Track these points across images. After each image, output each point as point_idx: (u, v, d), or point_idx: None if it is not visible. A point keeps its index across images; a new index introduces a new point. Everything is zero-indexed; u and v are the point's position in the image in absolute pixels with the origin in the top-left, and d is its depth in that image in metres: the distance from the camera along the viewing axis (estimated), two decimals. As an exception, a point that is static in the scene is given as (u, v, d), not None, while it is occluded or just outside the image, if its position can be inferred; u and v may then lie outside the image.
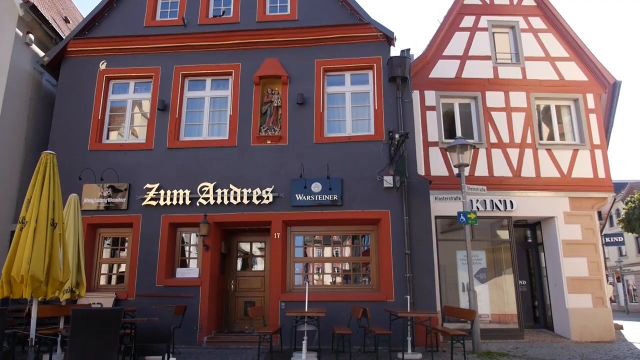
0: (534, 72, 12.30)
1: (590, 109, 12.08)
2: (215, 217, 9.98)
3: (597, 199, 11.49)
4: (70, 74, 11.21)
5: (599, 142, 11.88)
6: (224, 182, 10.18)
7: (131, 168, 10.42)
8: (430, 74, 12.20)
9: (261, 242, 11.09)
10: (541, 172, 11.58)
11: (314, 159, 10.13)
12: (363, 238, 10.41)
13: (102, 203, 10.25)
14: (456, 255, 11.48)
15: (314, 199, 9.92)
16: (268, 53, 10.93)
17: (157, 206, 10.14)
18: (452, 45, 12.49)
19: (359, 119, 10.70)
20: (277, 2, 11.63)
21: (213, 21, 11.44)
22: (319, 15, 11.11)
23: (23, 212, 5.49)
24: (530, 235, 12.78)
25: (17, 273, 5.23)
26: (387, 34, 10.70)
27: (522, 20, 12.80)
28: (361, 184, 9.97)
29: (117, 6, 11.68)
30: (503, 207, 11.37)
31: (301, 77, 10.75)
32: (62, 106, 10.98)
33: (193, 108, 11.07)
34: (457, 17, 12.74)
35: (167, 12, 11.78)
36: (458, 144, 9.16)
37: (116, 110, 11.31)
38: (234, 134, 10.53)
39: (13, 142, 10.58)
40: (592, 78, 12.26)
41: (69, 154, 10.43)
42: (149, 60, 11.18)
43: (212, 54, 11.08)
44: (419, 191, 9.87)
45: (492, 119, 11.92)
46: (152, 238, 9.98)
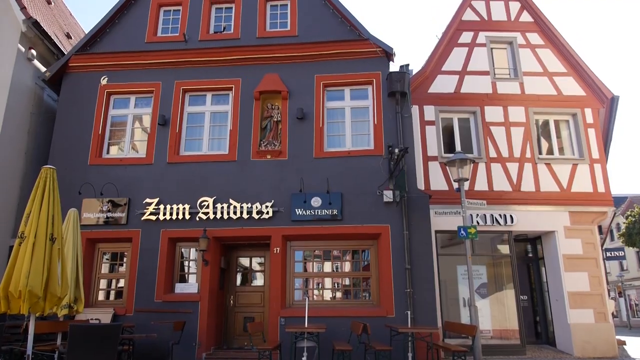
0: (533, 87, 12.39)
1: (589, 124, 12.14)
2: (215, 231, 9.95)
3: (597, 213, 11.49)
4: (72, 89, 11.27)
5: (598, 157, 11.91)
6: (223, 196, 10.17)
7: (131, 183, 10.42)
8: (430, 89, 12.29)
9: (261, 257, 11.05)
10: (541, 186, 11.59)
11: (314, 174, 10.14)
12: (363, 253, 10.36)
13: (101, 218, 10.23)
14: (457, 270, 11.43)
15: (314, 214, 9.90)
16: (268, 68, 11.01)
17: (156, 221, 10.12)
18: (451, 61, 12.60)
19: (359, 133, 10.73)
20: (278, 18, 11.76)
21: (214, 37, 11.55)
22: (319, 31, 11.22)
23: (22, 227, 5.48)
24: (531, 250, 12.74)
25: (15, 288, 5.20)
26: (386, 50, 10.79)
27: (519, 36, 12.93)
28: (361, 199, 9.96)
29: (119, 22, 11.80)
30: (503, 222, 11.35)
31: (301, 92, 10.81)
32: (63, 121, 11.02)
33: (193, 123, 11.11)
34: (456, 33, 12.88)
35: (169, 28, 11.90)
36: (457, 158, 9.19)
37: (117, 125, 11.35)
38: (234, 148, 10.55)
39: (13, 157, 10.60)
40: (590, 93, 12.35)
41: (69, 169, 10.44)
42: (149, 76, 11.26)
43: (213, 69, 11.16)
44: (419, 206, 9.86)
45: (491, 133, 11.97)
46: (151, 253, 9.94)
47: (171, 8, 12.05)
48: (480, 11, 13.19)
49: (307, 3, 11.57)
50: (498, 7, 13.28)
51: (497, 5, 13.29)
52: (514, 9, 13.23)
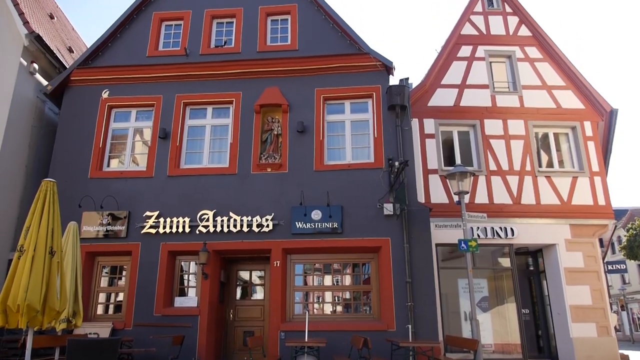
0: (532, 101, 12.45)
1: (588, 137, 12.17)
2: (215, 245, 9.92)
3: (598, 226, 11.46)
4: (73, 102, 11.32)
5: (598, 169, 11.93)
6: (224, 210, 10.16)
7: (131, 196, 10.42)
8: (429, 102, 12.35)
9: (261, 271, 10.99)
10: (541, 199, 11.58)
11: (314, 187, 10.14)
12: (363, 266, 10.32)
13: (101, 231, 10.21)
14: (458, 283, 11.38)
15: (314, 227, 9.88)
16: (269, 82, 11.08)
17: (156, 234, 10.09)
18: (450, 74, 12.68)
19: (359, 146, 10.76)
20: (278, 32, 11.86)
21: (215, 51, 11.64)
22: (319, 45, 11.31)
23: (22, 240, 5.46)
24: (532, 263, 12.68)
25: (13, 302, 5.17)
26: (386, 64, 10.86)
27: (518, 50, 13.03)
28: (361, 212, 9.95)
29: (120, 37, 11.91)
30: (504, 235, 11.33)
31: (301, 106, 10.86)
32: (64, 134, 11.05)
33: (194, 136, 11.14)
34: (455, 47, 12.98)
35: (170, 42, 12.00)
36: (457, 171, 9.19)
37: (117, 138, 11.39)
38: (234, 161, 10.57)
39: (14, 170, 10.61)
40: (589, 106, 12.40)
41: (70, 182, 10.44)
42: (151, 89, 11.32)
43: (214, 83, 11.22)
44: (419, 219, 9.84)
45: (491, 146, 12.00)
46: (150, 266, 9.89)
47: (172, 23, 12.17)
48: (479, 25, 13.31)
49: (308, 18, 11.69)
50: (496, 21, 13.40)
51: (495, 20, 13.41)
52: (512, 23, 13.36)
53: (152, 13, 12.13)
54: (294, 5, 11.86)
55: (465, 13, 13.33)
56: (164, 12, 12.16)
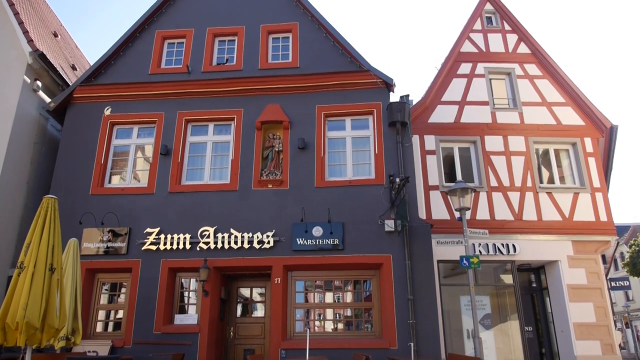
0: (532, 117, 12.51)
1: (589, 153, 12.20)
2: (216, 261, 9.87)
3: (601, 242, 11.41)
4: (75, 119, 11.40)
5: (599, 186, 11.92)
6: (224, 226, 10.14)
7: (132, 212, 10.41)
8: (430, 118, 12.41)
9: (261, 288, 10.92)
10: (543, 215, 11.56)
11: (315, 203, 10.13)
12: (365, 283, 10.25)
13: (101, 247, 10.18)
14: (460, 300, 11.29)
15: (315, 243, 9.84)
16: (270, 99, 11.15)
17: (156, 251, 10.06)
18: (450, 91, 12.77)
19: (360, 163, 10.77)
20: (279, 50, 11.98)
21: (216, 68, 11.75)
22: (320, 62, 11.41)
23: (22, 257, 5.45)
24: (535, 280, 12.59)
25: (12, 320, 5.13)
26: (386, 81, 10.95)
27: (517, 67, 13.14)
28: (362, 228, 9.92)
29: (123, 54, 12.03)
30: (506, 251, 11.27)
31: (302, 122, 10.92)
32: (66, 151, 11.09)
33: (195, 152, 11.18)
34: (455, 64, 13.10)
35: (172, 60, 12.12)
36: (458, 187, 9.19)
37: (119, 154, 11.43)
38: (235, 178, 10.58)
39: (15, 187, 10.63)
40: (589, 122, 12.45)
41: (71, 198, 10.45)
42: (153, 106, 11.40)
43: (215, 100, 11.30)
44: (421, 235, 9.81)
45: (491, 162, 12.02)
46: (150, 283, 9.84)
47: (175, 41, 12.31)
48: (479, 43, 13.45)
49: (309, 36, 11.82)
50: (496, 39, 13.55)
51: (494, 38, 13.56)
52: (511, 41, 13.50)
53: (155, 31, 12.28)
54: (295, 23, 12.00)
55: (464, 31, 13.48)
56: (167, 31, 12.31)
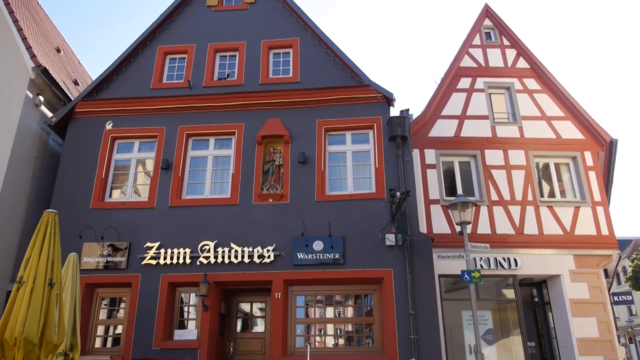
0: (531, 131, 12.55)
1: (589, 167, 12.20)
2: (216, 276, 9.82)
3: (602, 256, 11.36)
4: (77, 133, 11.44)
5: (600, 199, 11.90)
6: (225, 240, 10.11)
7: (132, 226, 10.39)
8: (430, 133, 12.45)
9: (262, 303, 10.85)
10: (544, 229, 11.53)
11: (316, 217, 10.11)
12: (366, 298, 10.18)
13: (101, 262, 10.14)
14: (462, 315, 11.19)
15: (316, 258, 9.80)
16: (271, 113, 11.21)
17: (156, 265, 10.01)
18: (450, 106, 12.83)
19: (360, 177, 10.78)
20: (280, 65, 12.07)
21: (218, 83, 11.82)
22: (320, 77, 11.49)
23: (21, 272, 5.42)
24: (537, 294, 12.50)
25: (10, 335, 5.08)
26: (386, 95, 11.01)
27: (517, 82, 13.22)
28: (363, 242, 9.89)
29: (125, 70, 12.13)
30: (507, 265, 11.22)
31: (303, 137, 10.95)
32: (67, 165, 11.12)
33: (196, 167, 11.20)
34: (454, 79, 13.18)
35: (174, 75, 12.21)
36: (459, 201, 9.19)
37: (120, 169, 11.45)
38: (235, 192, 10.58)
39: (16, 201, 10.63)
40: (589, 136, 12.48)
41: (71, 213, 10.44)
42: (154, 121, 11.45)
43: (216, 114, 11.36)
44: (422, 249, 9.77)
45: (492, 176, 12.02)
46: (150, 298, 9.78)
47: (177, 56, 12.42)
48: (478, 58, 13.55)
49: (309, 51, 11.91)
50: (495, 54, 13.65)
51: (493, 53, 13.67)
52: (510, 56, 13.60)
53: (157, 47, 12.39)
54: (295, 39, 12.11)
55: (463, 46, 13.59)
56: (169, 46, 12.42)
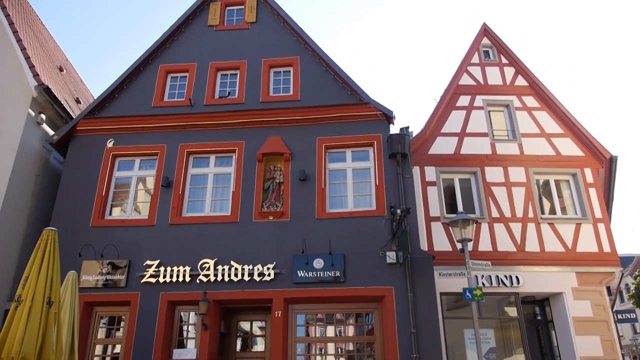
0: (531, 148, 12.58)
1: (589, 183, 12.21)
2: (215, 294, 9.75)
3: (605, 273, 11.29)
4: (78, 151, 11.48)
5: (601, 216, 11.88)
6: (225, 258, 10.06)
7: (132, 244, 10.36)
8: (430, 150, 12.49)
9: (262, 321, 10.75)
10: (545, 246, 11.48)
11: (316, 235, 10.08)
12: (367, 316, 10.09)
13: (100, 280, 10.07)
14: (464, 334, 11.07)
15: (316, 276, 9.74)
16: (271, 131, 11.26)
17: (156, 283, 9.95)
18: (450, 123, 12.89)
19: (361, 194, 10.78)
20: (281, 84, 12.17)
21: (218, 102, 11.91)
22: (321, 95, 11.57)
23: (20, 290, 5.39)
24: (540, 312, 12.38)
25: (7, 355, 5.03)
26: (386, 113, 11.07)
27: (515, 99, 13.31)
28: (364, 260, 9.84)
29: (127, 88, 12.23)
30: (509, 283, 11.14)
31: (303, 154, 10.98)
32: (68, 183, 11.13)
33: (196, 184, 11.21)
34: (453, 96, 13.27)
35: (175, 93, 12.31)
36: (460, 218, 9.17)
37: (120, 186, 11.46)
38: (236, 210, 10.57)
39: (16, 218, 10.61)
40: (589, 153, 12.51)
41: (71, 230, 10.41)
42: (155, 139, 11.50)
43: (217, 132, 11.41)
44: (423, 267, 9.71)
45: (492, 193, 12.02)
46: (149, 317, 9.68)
47: (178, 75, 12.54)
48: (476, 76, 13.66)
49: (309, 69, 12.02)
50: (493, 72, 13.77)
51: (492, 71, 13.79)
52: (509, 74, 13.72)
53: (159, 66, 12.51)
54: (296, 58, 12.24)
55: (462, 64, 13.72)
56: (170, 65, 12.54)
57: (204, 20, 13.10)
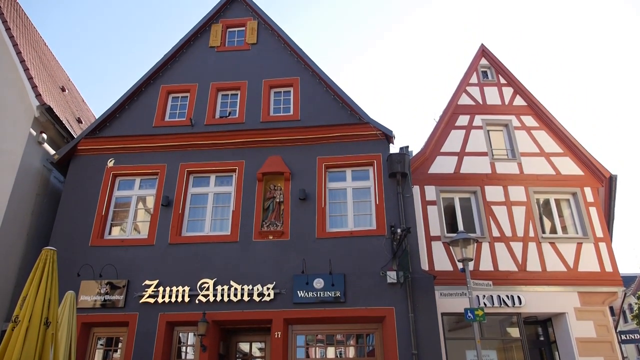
0: (531, 167, 12.60)
1: (590, 202, 12.19)
2: (214, 315, 9.65)
3: (607, 293, 11.19)
4: (78, 171, 11.50)
5: (602, 235, 11.83)
6: (224, 278, 9.99)
7: (131, 264, 10.30)
8: (430, 169, 12.51)
9: (261, 342, 10.62)
10: (547, 266, 11.40)
11: (316, 254, 10.03)
12: (367, 337, 9.97)
13: (98, 300, 9.98)
14: (466, 355, 10.92)
15: (316, 296, 9.65)
16: (271, 151, 11.30)
17: (154, 303, 9.85)
18: (449, 142, 12.94)
19: (361, 213, 10.76)
20: (281, 104, 12.27)
21: (219, 121, 11.98)
22: (321, 115, 11.65)
23: (17, 310, 5.33)
24: (542, 333, 12.23)
25: (3, 377, 4.96)
26: (386, 133, 11.13)
27: (514, 119, 13.39)
28: (364, 280, 9.77)
29: (128, 108, 12.32)
30: (511, 303, 11.03)
31: (303, 174, 11.00)
32: (67, 202, 11.12)
33: (196, 204, 11.20)
34: (453, 116, 13.35)
35: (176, 113, 12.39)
36: (460, 238, 9.13)
37: (120, 205, 11.44)
38: (236, 229, 10.54)
39: (15, 238, 10.57)
40: (588, 172, 12.53)
41: (70, 250, 10.36)
42: (155, 158, 11.53)
43: (218, 151, 11.45)
44: (424, 287, 9.63)
45: (492, 213, 12.00)
46: (147, 338, 9.56)
47: (179, 95, 12.65)
48: (475, 96, 13.77)
49: (309, 90, 12.13)
50: (492, 92, 13.89)
51: (491, 91, 13.90)
52: (507, 94, 13.83)
53: (160, 86, 12.63)
54: (296, 78, 12.36)
55: (461, 84, 13.84)
56: (172, 85, 12.66)
57: (206, 41, 13.28)
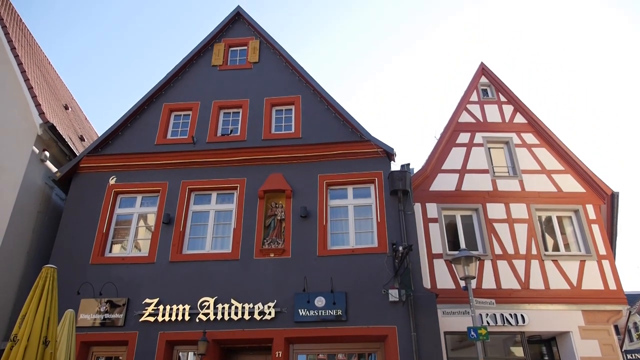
0: (532, 185, 12.59)
1: (592, 220, 12.13)
2: (215, 334, 9.55)
3: (612, 312, 11.05)
4: (80, 188, 11.52)
5: (605, 253, 11.74)
6: (225, 296, 9.92)
7: (132, 282, 10.24)
8: (431, 187, 12.50)
9: (262, 362, 10.46)
10: (550, 284, 11.30)
11: (318, 272, 9.97)
12: (369, 356, 9.84)
13: (98, 319, 9.89)
14: (470, 375, 10.76)
15: (318, 314, 9.57)
16: (273, 168, 11.33)
17: (154, 322, 9.77)
18: (450, 160, 12.95)
19: (362, 231, 10.72)
20: (282, 121, 12.34)
21: (221, 139, 12.03)
22: (322, 133, 11.70)
23: (16, 329, 5.29)
24: (547, 352, 12.05)
25: (1, 397, 4.90)
26: (387, 150, 11.16)
27: (515, 136, 13.42)
28: (366, 298, 9.69)
29: (131, 126, 12.39)
30: (514, 322, 10.91)
31: (304, 191, 11.00)
32: (69, 220, 11.11)
33: (198, 221, 11.19)
34: (453, 134, 13.39)
35: (178, 131, 12.46)
36: (462, 255, 9.06)
37: (121, 223, 11.43)
38: (237, 247, 10.50)
39: (15, 256, 10.54)
40: (590, 189, 12.50)
41: (70, 268, 10.31)
42: (157, 176, 11.56)
43: (219, 169, 11.48)
44: (426, 305, 9.54)
45: (495, 230, 11.94)
46: (147, 357, 9.44)
47: (182, 113, 12.74)
48: (476, 114, 13.84)
49: (311, 108, 12.21)
50: (492, 110, 13.95)
51: (491, 109, 13.97)
52: (507, 111, 13.89)
53: (163, 104, 12.73)
54: (297, 96, 12.45)
55: (461, 102, 13.92)
56: (174, 103, 12.76)
57: (208, 60, 13.43)
